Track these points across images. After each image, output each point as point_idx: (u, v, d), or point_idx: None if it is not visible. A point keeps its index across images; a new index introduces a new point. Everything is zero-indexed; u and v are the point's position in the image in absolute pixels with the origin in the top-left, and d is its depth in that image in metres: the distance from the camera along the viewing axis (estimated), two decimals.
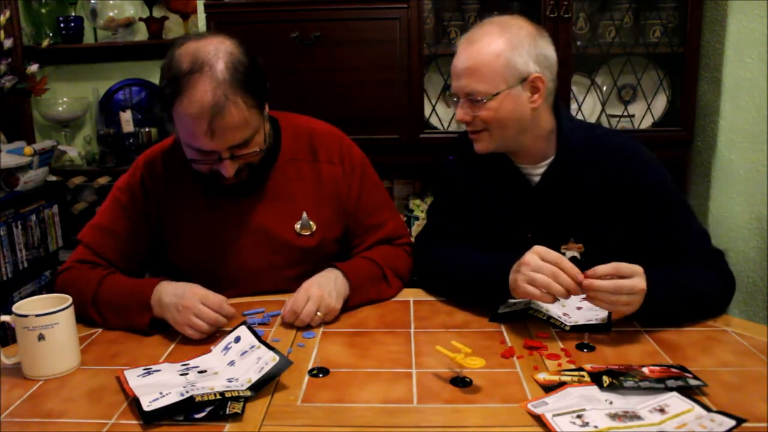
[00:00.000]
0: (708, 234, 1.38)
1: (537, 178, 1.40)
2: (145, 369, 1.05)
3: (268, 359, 1.02)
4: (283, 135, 1.44)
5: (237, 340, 1.10)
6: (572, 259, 1.35)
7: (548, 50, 1.33)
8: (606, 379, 0.96)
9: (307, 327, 1.25)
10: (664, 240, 1.33)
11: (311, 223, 1.42)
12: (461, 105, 1.34)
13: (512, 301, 1.25)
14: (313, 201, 1.44)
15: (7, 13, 2.51)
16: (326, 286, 1.29)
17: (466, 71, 1.31)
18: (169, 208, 1.41)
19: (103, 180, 2.68)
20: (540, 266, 1.15)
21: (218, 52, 1.22)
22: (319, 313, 1.25)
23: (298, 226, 1.42)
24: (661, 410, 0.90)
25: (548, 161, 1.39)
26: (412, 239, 1.58)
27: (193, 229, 1.41)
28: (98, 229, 1.41)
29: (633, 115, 2.35)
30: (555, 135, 1.39)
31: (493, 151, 1.38)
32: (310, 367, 1.08)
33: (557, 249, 1.24)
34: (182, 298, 1.20)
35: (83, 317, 1.27)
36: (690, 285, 1.22)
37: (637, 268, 1.13)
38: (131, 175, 1.44)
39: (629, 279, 1.12)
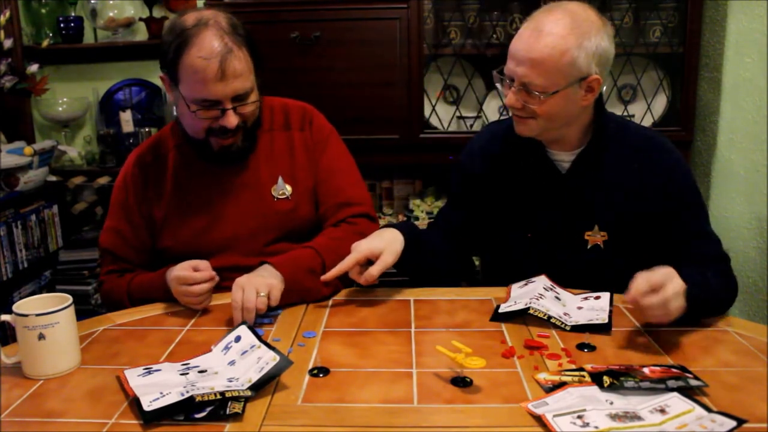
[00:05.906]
0: (719, 239, 1.38)
1: (567, 165, 1.40)
2: (145, 369, 1.05)
3: (268, 359, 1.01)
4: (262, 111, 1.51)
5: (237, 339, 1.10)
6: (594, 248, 1.35)
7: (611, 47, 1.30)
8: (606, 380, 0.96)
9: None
10: (684, 236, 1.33)
11: (287, 186, 1.49)
12: (514, 90, 1.30)
13: (511, 302, 1.26)
14: (288, 166, 1.50)
15: (7, 13, 2.51)
16: (252, 275, 1.30)
17: (529, 61, 1.26)
18: (156, 193, 1.48)
19: (103, 180, 2.67)
20: None
21: (218, 15, 1.34)
22: (261, 294, 1.24)
23: (274, 190, 1.48)
24: (662, 411, 0.90)
25: (580, 149, 1.39)
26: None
27: (178, 206, 1.47)
28: (109, 231, 1.50)
29: (633, 115, 2.35)
30: (592, 125, 1.39)
31: (533, 137, 1.37)
32: (310, 366, 1.08)
33: (581, 236, 1.25)
34: (170, 275, 1.32)
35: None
36: (715, 286, 1.22)
37: (668, 271, 1.10)
38: (123, 172, 1.52)
39: (668, 286, 1.09)
